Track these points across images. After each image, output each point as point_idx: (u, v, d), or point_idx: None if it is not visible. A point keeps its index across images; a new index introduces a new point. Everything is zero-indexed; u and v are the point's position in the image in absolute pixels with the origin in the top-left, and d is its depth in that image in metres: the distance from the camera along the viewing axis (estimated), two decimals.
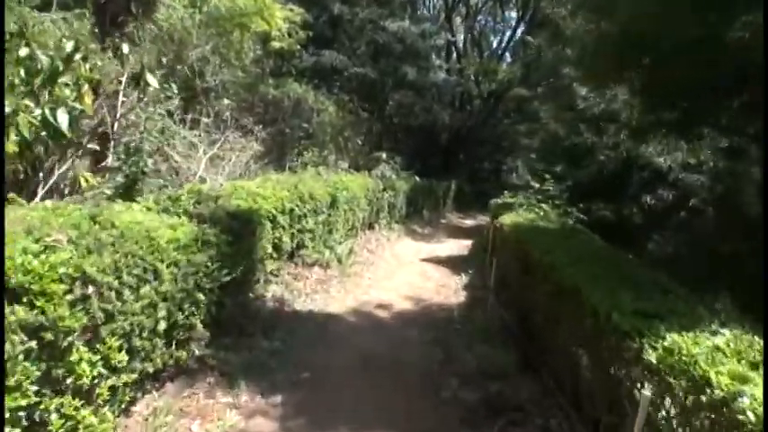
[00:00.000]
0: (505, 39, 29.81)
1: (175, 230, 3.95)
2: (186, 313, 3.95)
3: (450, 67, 22.50)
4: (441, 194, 20.21)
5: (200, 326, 4.19)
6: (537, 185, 8.19)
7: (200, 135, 11.24)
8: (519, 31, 25.50)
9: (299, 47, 17.92)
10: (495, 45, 33.45)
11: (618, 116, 7.47)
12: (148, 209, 4.58)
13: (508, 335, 5.87)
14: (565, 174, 8.38)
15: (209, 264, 4.23)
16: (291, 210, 6.83)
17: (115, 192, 5.39)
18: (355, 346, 5.27)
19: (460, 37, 26.34)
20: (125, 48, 5.33)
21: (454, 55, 24.42)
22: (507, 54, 27.52)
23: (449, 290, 7.88)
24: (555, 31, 11.47)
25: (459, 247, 12.93)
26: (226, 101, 12.56)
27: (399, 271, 9.01)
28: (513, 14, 33.02)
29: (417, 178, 15.41)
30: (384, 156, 14.10)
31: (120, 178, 5.55)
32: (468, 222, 20.25)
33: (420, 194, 16.78)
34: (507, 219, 7.32)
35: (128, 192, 5.43)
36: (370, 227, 12.24)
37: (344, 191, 9.51)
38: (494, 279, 6.48)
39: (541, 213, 7.24)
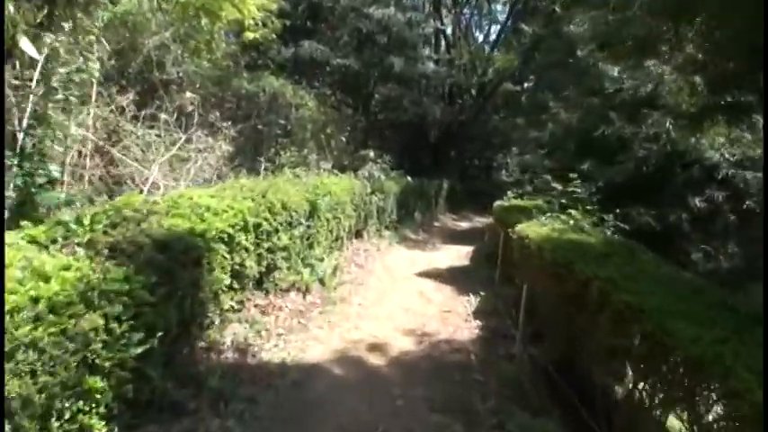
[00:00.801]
0: (496, 29, 28.57)
1: (48, 282, 2.45)
2: (68, 415, 2.45)
3: (440, 58, 21.03)
4: (432, 195, 18.76)
5: (99, 425, 2.69)
6: (559, 187, 6.79)
7: (160, 135, 9.73)
8: (508, 23, 24.15)
9: (274, 37, 16.49)
10: (483, 37, 32.19)
11: (661, 100, 6.09)
12: (33, 240, 3.07)
13: (547, 386, 4.45)
14: (593, 172, 6.97)
15: (113, 326, 2.74)
16: (258, 225, 5.33)
17: None
18: (342, 420, 3.78)
19: (449, 30, 24.86)
20: (10, 7, 3.79)
21: (443, 45, 22.94)
22: (496, 47, 26.13)
23: (457, 317, 6.43)
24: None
25: (459, 255, 11.51)
26: (188, 94, 11.00)
27: (394, 291, 7.54)
28: (499, 7, 31.85)
29: (409, 178, 13.93)
30: (371, 154, 12.64)
31: (11, 192, 4.01)
32: (464, 225, 18.85)
33: (411, 196, 15.33)
34: (529, 229, 5.89)
35: (20, 211, 3.90)
36: (358, 235, 10.78)
37: (327, 196, 8.04)
38: (523, 311, 5.03)
39: (571, 222, 5.84)
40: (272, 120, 13.76)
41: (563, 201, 6.69)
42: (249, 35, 15.43)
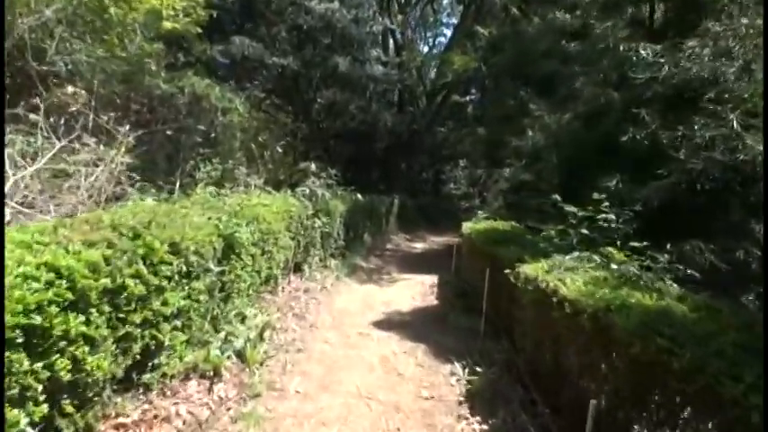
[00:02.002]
0: (440, 41, 27.10)
1: None
2: None
3: (390, 62, 19.08)
4: (383, 213, 16.76)
5: None
6: (577, 212, 4.88)
7: (35, 141, 7.36)
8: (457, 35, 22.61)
9: (199, 30, 14.18)
10: (428, 48, 30.93)
11: (713, 90, 4.30)
12: None
13: None
14: (620, 191, 5.11)
15: None
16: (118, 289, 3.10)
17: None
18: None
19: (398, 34, 23.05)
20: None
21: (392, 48, 21.02)
22: (449, 51, 24.64)
23: (444, 409, 4.33)
24: None
25: (423, 289, 9.48)
26: (71, 89, 8.54)
27: (348, 359, 5.36)
28: (445, 19, 30.72)
29: (359, 196, 11.82)
30: (313, 167, 10.49)
31: None
32: (419, 246, 16.90)
33: (360, 215, 13.26)
34: (554, 278, 3.93)
35: None
36: (298, 269, 8.58)
37: (252, 224, 5.85)
38: None
39: (614, 267, 3.94)
40: (191, 126, 11.40)
41: (584, 232, 4.78)
42: (167, 25, 13.05)
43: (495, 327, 6.15)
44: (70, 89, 8.26)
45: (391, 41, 21.13)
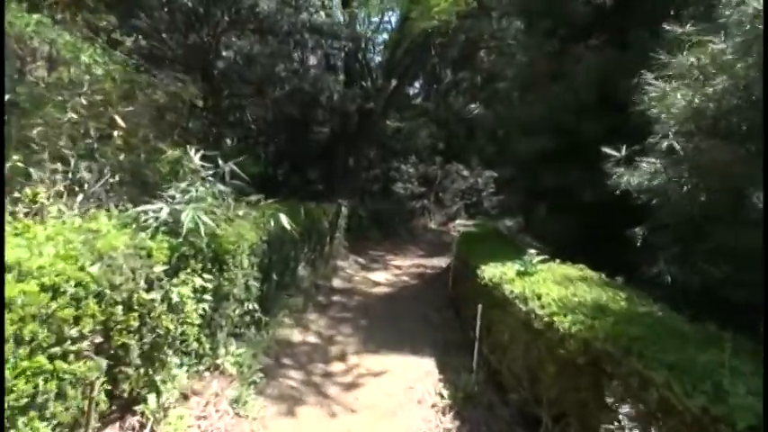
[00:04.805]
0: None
1: None
2: None
3: (331, 13, 13.73)
4: (327, 228, 11.63)
5: None
6: None
7: None
8: None
9: None
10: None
11: None
12: None
13: None
14: None
15: None
16: None
17: None
18: None
19: None
20: None
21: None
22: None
23: None
24: None
25: (416, 406, 4.52)
26: None
27: None
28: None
29: (284, 220, 6.27)
30: (196, 160, 5.37)
31: None
32: (381, 279, 11.76)
33: (290, 245, 8.07)
34: None
35: None
36: (125, 416, 3.43)
37: None
38: None
39: None
40: None
41: None
42: None
43: None
44: None
45: None
